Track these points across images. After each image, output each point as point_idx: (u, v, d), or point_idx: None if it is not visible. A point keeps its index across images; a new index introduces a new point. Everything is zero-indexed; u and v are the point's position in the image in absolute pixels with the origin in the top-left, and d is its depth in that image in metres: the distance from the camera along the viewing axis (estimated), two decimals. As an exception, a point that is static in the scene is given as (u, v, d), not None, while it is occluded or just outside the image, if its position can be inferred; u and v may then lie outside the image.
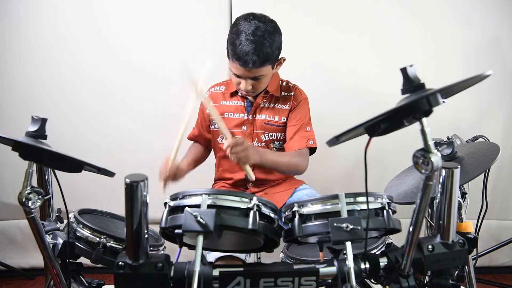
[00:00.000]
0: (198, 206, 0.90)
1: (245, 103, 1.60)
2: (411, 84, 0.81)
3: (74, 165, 1.00)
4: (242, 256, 1.36)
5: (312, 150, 1.57)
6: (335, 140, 0.87)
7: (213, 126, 1.65)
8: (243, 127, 1.59)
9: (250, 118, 1.58)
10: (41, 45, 2.02)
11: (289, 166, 1.48)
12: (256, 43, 1.38)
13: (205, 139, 1.70)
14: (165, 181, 1.36)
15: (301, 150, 1.52)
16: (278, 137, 1.59)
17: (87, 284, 1.17)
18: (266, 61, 1.42)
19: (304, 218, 0.95)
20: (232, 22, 1.49)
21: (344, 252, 0.88)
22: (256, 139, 1.59)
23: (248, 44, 1.38)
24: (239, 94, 1.60)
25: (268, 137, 1.59)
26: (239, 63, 1.41)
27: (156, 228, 1.13)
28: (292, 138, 1.54)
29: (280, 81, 1.62)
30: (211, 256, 1.33)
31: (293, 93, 1.59)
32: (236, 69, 1.45)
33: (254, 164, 1.34)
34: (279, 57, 1.52)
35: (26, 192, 0.94)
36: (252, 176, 1.33)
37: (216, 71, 2.02)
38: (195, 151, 1.69)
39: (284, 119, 1.57)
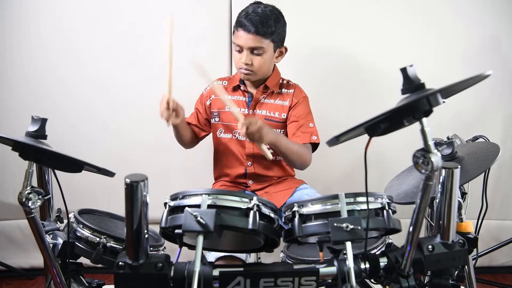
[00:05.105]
0: (198, 206, 0.90)
1: (246, 98, 1.61)
2: (411, 84, 0.82)
3: (74, 165, 1.00)
4: (242, 256, 1.36)
5: (314, 148, 1.56)
6: (335, 140, 0.87)
7: (213, 119, 1.65)
8: None
9: (251, 113, 1.59)
10: (41, 45, 2.02)
11: (298, 154, 1.47)
12: (262, 14, 1.46)
13: (197, 129, 1.68)
14: (168, 116, 1.36)
15: (306, 144, 1.52)
16: None
17: (87, 284, 1.17)
18: (268, 33, 1.46)
19: (304, 218, 0.95)
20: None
21: (344, 252, 0.88)
22: None
23: (254, 13, 1.46)
24: (241, 88, 1.61)
25: None
26: (243, 29, 1.46)
27: (156, 228, 1.13)
28: (295, 134, 1.53)
29: (281, 79, 1.63)
30: (211, 256, 1.33)
31: (293, 90, 1.60)
32: (239, 38, 1.48)
33: (269, 143, 1.36)
34: (282, 45, 1.55)
35: (26, 192, 0.94)
36: (269, 155, 1.36)
37: (216, 70, 2.04)
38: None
39: (284, 115, 1.58)
